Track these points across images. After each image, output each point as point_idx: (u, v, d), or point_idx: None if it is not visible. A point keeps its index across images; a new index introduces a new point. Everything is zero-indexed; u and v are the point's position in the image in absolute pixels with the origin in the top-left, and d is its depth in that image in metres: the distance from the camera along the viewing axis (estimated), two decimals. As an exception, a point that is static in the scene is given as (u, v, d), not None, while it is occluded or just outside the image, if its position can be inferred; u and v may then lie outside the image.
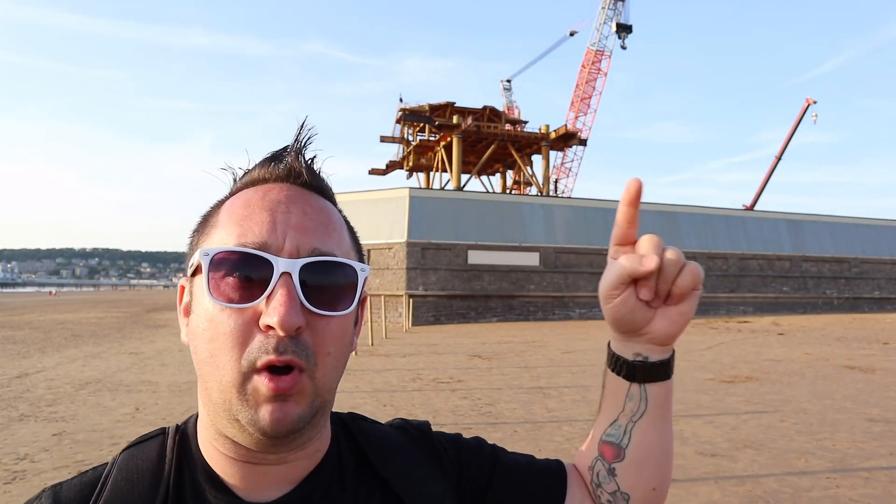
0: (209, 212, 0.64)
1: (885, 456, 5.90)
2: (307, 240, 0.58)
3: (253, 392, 0.54)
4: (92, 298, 61.45)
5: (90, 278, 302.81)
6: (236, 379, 0.54)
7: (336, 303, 0.58)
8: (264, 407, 0.54)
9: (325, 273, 0.58)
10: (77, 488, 0.59)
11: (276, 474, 0.61)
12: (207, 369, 0.57)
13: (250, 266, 0.55)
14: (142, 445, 0.63)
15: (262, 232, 0.57)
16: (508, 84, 55.85)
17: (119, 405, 8.30)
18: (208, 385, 0.58)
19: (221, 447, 0.60)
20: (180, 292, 0.64)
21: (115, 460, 0.62)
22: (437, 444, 0.76)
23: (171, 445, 0.62)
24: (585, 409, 8.09)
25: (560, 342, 17.63)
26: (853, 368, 12.01)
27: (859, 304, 36.33)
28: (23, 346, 15.97)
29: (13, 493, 4.86)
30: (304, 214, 0.59)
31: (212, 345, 0.56)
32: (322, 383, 0.57)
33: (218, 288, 0.55)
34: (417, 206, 28.12)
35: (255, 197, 0.60)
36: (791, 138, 44.32)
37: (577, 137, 43.70)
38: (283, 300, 0.54)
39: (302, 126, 0.64)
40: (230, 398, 0.55)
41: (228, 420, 0.57)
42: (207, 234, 0.61)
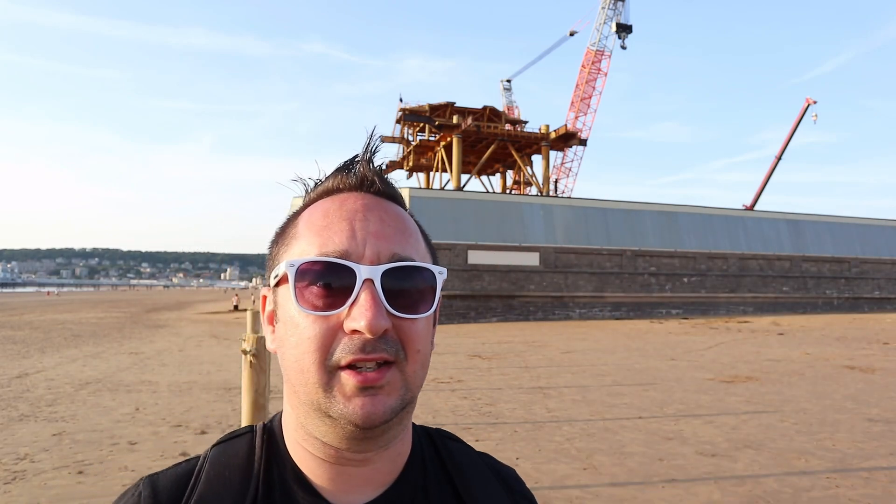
0: (287, 223, 0.66)
1: (885, 456, 5.90)
2: (387, 246, 0.60)
3: (339, 388, 0.56)
4: (92, 298, 61.45)
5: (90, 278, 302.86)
6: (321, 378, 0.57)
7: (417, 305, 0.60)
8: (355, 399, 0.56)
9: (405, 277, 0.59)
10: (172, 479, 0.61)
11: (361, 476, 0.62)
12: (294, 373, 0.59)
13: (334, 274, 0.58)
14: (232, 442, 0.65)
15: (343, 240, 0.59)
16: (508, 84, 55.84)
17: (119, 405, 8.30)
18: (296, 388, 0.60)
19: (310, 447, 0.62)
20: (263, 301, 0.66)
21: (207, 455, 0.64)
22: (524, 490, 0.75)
23: (259, 444, 0.64)
24: (585, 409, 8.09)
25: (560, 342, 17.63)
26: (853, 368, 12.01)
27: (859, 304, 36.33)
28: (23, 346, 15.96)
29: (13, 493, 4.86)
30: (381, 221, 0.61)
31: (296, 350, 0.58)
32: (411, 378, 0.59)
33: (303, 296, 0.58)
34: (417, 206, 28.11)
35: (332, 207, 0.62)
36: (791, 138, 44.33)
37: (577, 137, 43.68)
38: (369, 305, 0.56)
39: (371, 135, 0.67)
40: (317, 398, 0.57)
41: (319, 418, 0.59)
42: (288, 246, 0.63)
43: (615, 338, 19.13)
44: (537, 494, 3.64)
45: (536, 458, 5.83)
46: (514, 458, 5.80)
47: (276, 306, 0.62)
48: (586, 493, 4.87)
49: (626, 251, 31.22)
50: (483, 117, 44.45)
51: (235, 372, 10.98)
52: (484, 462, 0.74)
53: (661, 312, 31.29)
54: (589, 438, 6.57)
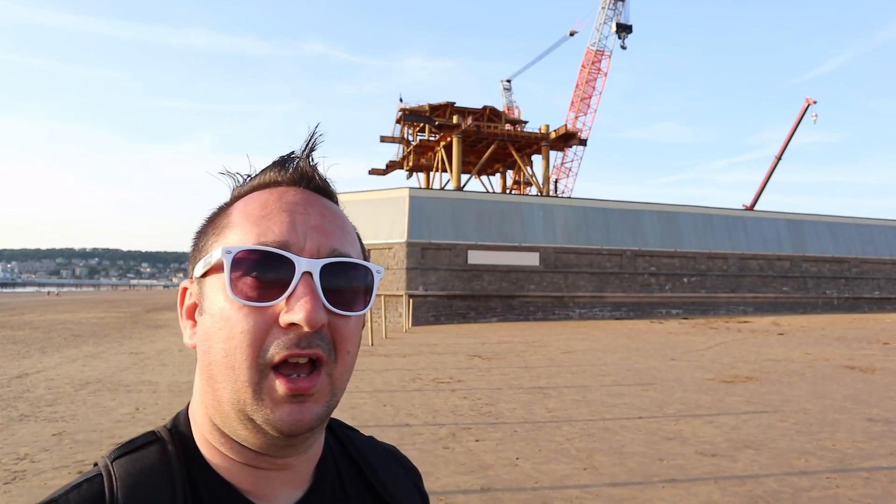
0: (215, 214, 0.64)
1: (885, 456, 5.90)
2: (327, 241, 0.59)
3: (269, 392, 0.54)
4: (92, 298, 61.45)
5: (90, 278, 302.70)
6: (252, 378, 0.54)
7: (353, 303, 0.59)
8: (283, 407, 0.54)
9: (343, 274, 0.58)
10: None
11: (281, 479, 0.61)
12: (220, 369, 0.56)
13: (271, 265, 0.55)
14: (138, 454, 0.59)
15: (283, 231, 0.57)
16: (508, 84, 55.87)
17: (119, 405, 8.30)
18: (218, 386, 0.56)
19: (227, 451, 0.59)
20: (181, 295, 0.63)
21: (111, 471, 0.57)
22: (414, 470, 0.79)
23: (174, 453, 0.59)
24: (585, 409, 8.09)
25: (560, 342, 17.63)
26: (853, 368, 12.01)
27: (859, 304, 36.34)
28: (23, 346, 15.97)
29: (13, 493, 4.86)
30: (321, 217, 0.60)
31: (227, 344, 0.55)
32: (338, 382, 0.58)
33: (237, 287, 0.55)
34: (417, 206, 28.12)
35: (271, 198, 0.60)
36: (791, 138, 44.35)
37: (577, 137, 43.69)
38: (308, 297, 0.54)
39: (314, 133, 0.65)
40: (244, 398, 0.55)
41: (240, 421, 0.56)
42: (219, 235, 0.60)
43: (615, 338, 19.13)
44: (537, 494, 3.67)
45: (536, 458, 5.82)
46: (514, 458, 5.81)
47: (203, 298, 0.59)
48: (586, 493, 4.87)
49: (626, 251, 31.23)
50: (483, 117, 44.46)
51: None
52: (376, 444, 0.77)
53: (661, 312, 31.29)
54: (589, 438, 6.57)
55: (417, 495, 0.75)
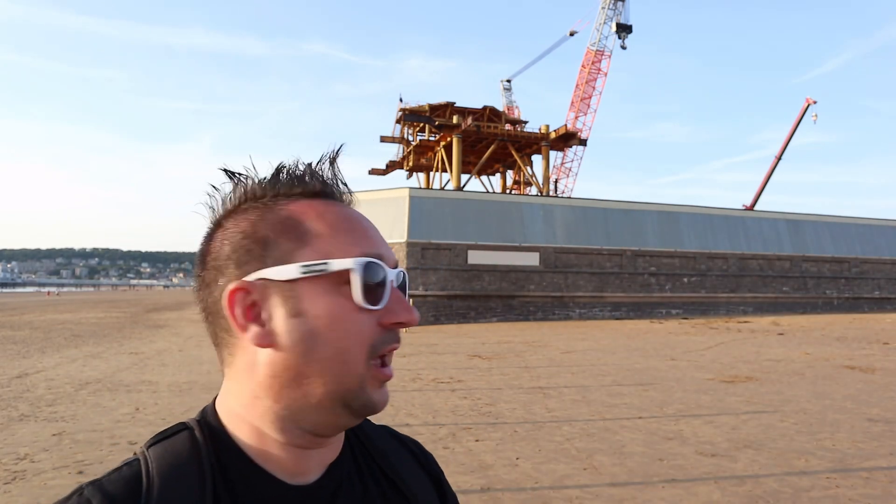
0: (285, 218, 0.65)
1: (885, 456, 5.90)
2: (391, 253, 0.68)
3: (371, 381, 0.63)
4: (92, 298, 61.45)
5: (90, 278, 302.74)
6: (362, 370, 0.63)
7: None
8: (379, 391, 0.64)
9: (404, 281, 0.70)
10: (121, 484, 0.60)
11: (317, 457, 0.67)
12: (329, 365, 0.62)
13: (377, 274, 0.64)
14: (170, 440, 0.64)
15: (377, 244, 0.66)
16: (508, 84, 55.86)
17: (119, 405, 8.30)
18: (317, 381, 0.62)
19: (280, 437, 0.64)
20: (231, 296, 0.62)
21: (146, 456, 0.63)
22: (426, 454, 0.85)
23: (201, 438, 0.64)
24: (585, 409, 8.10)
25: (560, 342, 17.63)
26: (853, 368, 12.01)
27: (859, 304, 36.34)
28: (23, 346, 15.97)
29: (13, 493, 4.86)
30: (378, 232, 0.70)
31: (343, 343, 0.62)
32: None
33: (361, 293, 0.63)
34: (417, 206, 28.12)
35: (343, 211, 0.68)
36: (791, 138, 44.34)
37: (577, 137, 43.69)
38: (406, 302, 0.66)
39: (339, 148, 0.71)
40: (352, 387, 0.62)
41: (333, 410, 0.63)
42: (301, 241, 0.63)
43: (615, 338, 19.13)
44: (537, 494, 3.67)
45: (536, 457, 5.83)
46: (514, 458, 5.81)
47: (299, 300, 0.61)
48: (586, 493, 4.88)
49: (626, 251, 31.22)
50: (483, 117, 44.46)
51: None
52: (387, 432, 0.83)
53: (661, 312, 31.29)
54: (589, 438, 6.57)
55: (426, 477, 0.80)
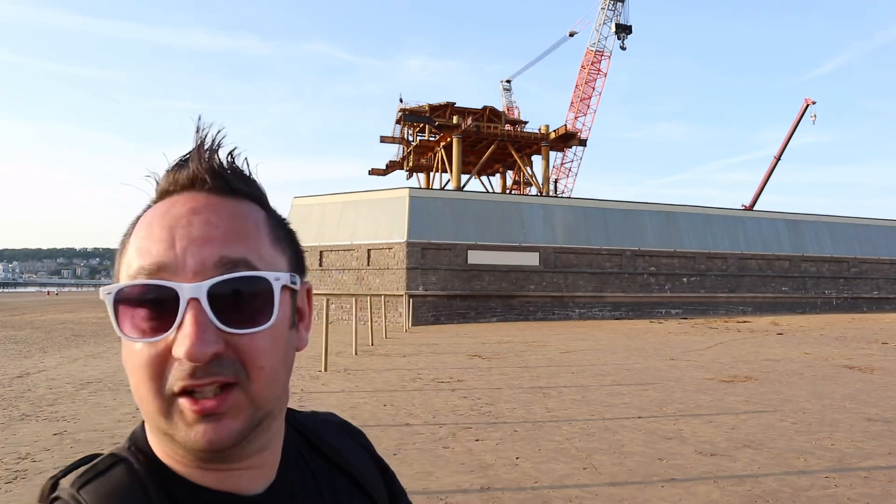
0: (125, 233, 0.59)
1: (884, 455, 5.91)
2: (212, 251, 0.54)
3: (179, 416, 0.52)
4: (93, 298, 61.43)
5: (91, 278, 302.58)
6: (160, 406, 0.53)
7: (256, 316, 0.54)
8: (197, 427, 0.52)
9: (237, 288, 0.54)
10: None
11: (248, 475, 0.59)
12: (136, 398, 0.55)
13: (155, 296, 0.53)
14: (105, 478, 0.56)
15: (161, 252, 0.53)
16: (508, 84, 55.90)
17: (120, 405, 8.32)
18: (142, 412, 0.55)
19: (184, 459, 0.57)
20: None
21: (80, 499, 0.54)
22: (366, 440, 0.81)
23: (141, 470, 0.57)
24: (585, 409, 8.11)
25: (560, 342, 17.64)
26: (852, 368, 12.03)
27: (858, 303, 36.36)
28: (24, 345, 15.99)
29: (14, 493, 4.87)
30: (207, 224, 0.55)
31: (133, 377, 0.54)
32: (260, 396, 0.55)
33: (131, 320, 0.53)
34: (417, 206, 28.13)
35: (156, 214, 0.56)
36: (790, 138, 44.39)
37: (576, 138, 43.74)
38: (190, 330, 0.51)
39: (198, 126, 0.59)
40: (160, 424, 0.54)
41: (169, 442, 0.55)
42: (122, 260, 0.57)
43: (615, 338, 19.14)
44: (537, 494, 3.69)
45: (536, 457, 5.84)
46: (513, 457, 5.82)
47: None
48: (586, 492, 4.89)
49: (625, 251, 31.24)
50: (483, 117, 44.50)
51: (236, 372, 10.98)
52: (319, 417, 0.77)
53: (661, 312, 31.31)
54: (588, 438, 6.58)
55: (367, 455, 0.77)
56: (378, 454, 0.80)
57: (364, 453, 0.77)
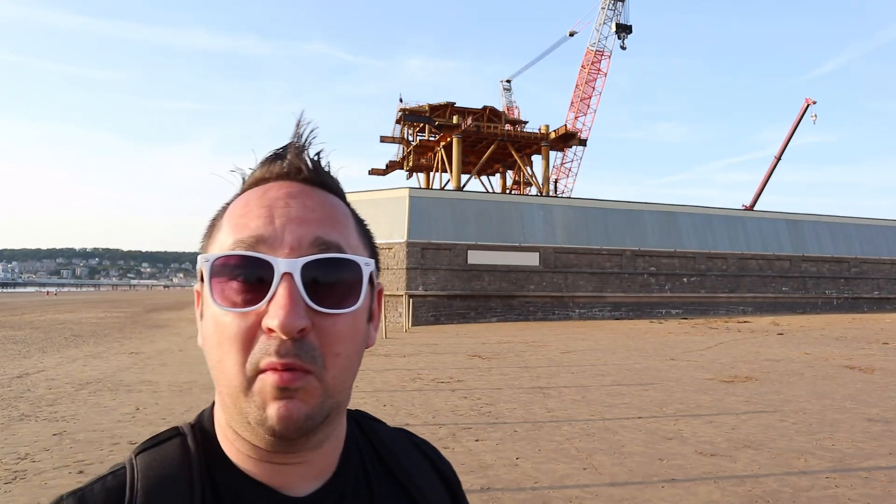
0: (214, 216, 0.63)
1: (885, 456, 5.91)
2: (309, 230, 0.57)
3: (259, 391, 0.54)
4: (92, 298, 61.46)
5: (91, 278, 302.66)
6: (242, 383, 0.54)
7: (343, 300, 0.56)
8: (271, 405, 0.53)
9: (329, 270, 0.56)
10: (102, 495, 0.56)
11: (298, 472, 0.60)
12: (217, 374, 0.57)
13: (251, 268, 0.55)
14: (160, 448, 0.60)
15: (259, 225, 0.56)
16: (508, 84, 55.87)
17: (119, 405, 8.31)
18: (220, 389, 0.57)
19: (240, 447, 0.59)
20: (196, 298, 0.63)
21: (133, 464, 0.58)
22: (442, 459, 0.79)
23: (193, 447, 0.60)
24: (585, 409, 8.10)
25: (560, 342, 17.64)
26: (852, 368, 12.02)
27: (859, 304, 36.35)
28: (23, 346, 15.98)
29: (14, 493, 4.87)
30: (304, 207, 0.58)
31: (219, 350, 0.55)
32: (332, 385, 0.56)
33: (222, 292, 0.55)
34: (417, 206, 28.12)
35: (253, 196, 0.60)
36: (791, 138, 44.36)
37: (576, 137, 43.71)
38: (284, 302, 0.52)
39: (299, 122, 0.63)
40: (239, 401, 0.55)
41: (241, 423, 0.56)
42: (212, 239, 0.61)
43: (615, 338, 19.14)
44: (537, 494, 3.68)
45: (536, 457, 5.83)
46: (513, 457, 5.82)
47: (205, 302, 0.58)
48: (586, 492, 4.88)
49: (625, 251, 31.23)
50: (483, 117, 44.48)
51: (235, 372, 10.97)
52: (404, 436, 0.77)
53: (661, 312, 31.30)
54: (589, 438, 6.58)
55: (441, 485, 0.74)
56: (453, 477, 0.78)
57: (435, 477, 0.74)
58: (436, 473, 0.75)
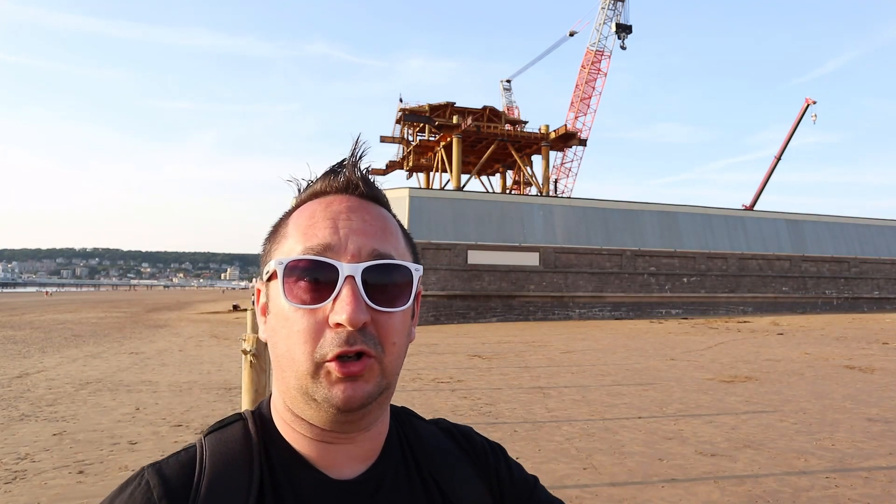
0: (278, 223, 0.72)
1: (885, 456, 5.91)
2: (367, 242, 0.66)
3: (325, 376, 0.63)
4: (92, 298, 61.45)
5: (91, 278, 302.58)
6: (310, 368, 0.62)
7: (395, 300, 0.66)
8: (338, 385, 0.62)
9: (384, 274, 0.65)
10: (177, 468, 0.65)
11: (346, 453, 0.68)
12: (285, 362, 0.65)
13: (318, 271, 0.63)
14: (226, 429, 0.70)
15: (326, 235, 0.65)
16: (508, 84, 55.87)
17: (119, 405, 8.31)
18: (286, 375, 0.65)
19: (298, 428, 0.68)
20: (257, 294, 0.72)
21: (202, 443, 0.68)
22: (478, 447, 0.82)
23: (253, 429, 0.69)
24: (585, 409, 8.10)
25: (560, 342, 17.64)
26: (852, 368, 12.02)
27: (858, 303, 36.34)
28: (23, 346, 15.98)
29: (14, 493, 4.87)
30: (363, 221, 0.67)
31: (288, 341, 0.64)
32: (388, 368, 0.65)
33: (292, 291, 0.64)
34: (417, 206, 28.12)
35: (318, 208, 0.68)
36: (791, 138, 44.34)
37: (576, 137, 43.70)
38: (350, 300, 0.61)
39: (357, 140, 0.72)
40: (306, 383, 0.63)
41: (305, 401, 0.65)
42: (278, 244, 0.69)
43: (615, 338, 19.14)
44: (537, 494, 3.53)
45: (536, 457, 5.84)
46: (513, 457, 5.81)
47: (269, 300, 0.68)
48: (586, 492, 4.88)
49: (625, 251, 31.23)
50: (483, 117, 44.48)
51: (235, 372, 10.99)
52: (439, 428, 0.82)
53: (661, 312, 31.30)
54: (589, 438, 6.58)
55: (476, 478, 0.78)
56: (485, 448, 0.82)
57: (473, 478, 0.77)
58: (471, 466, 0.79)
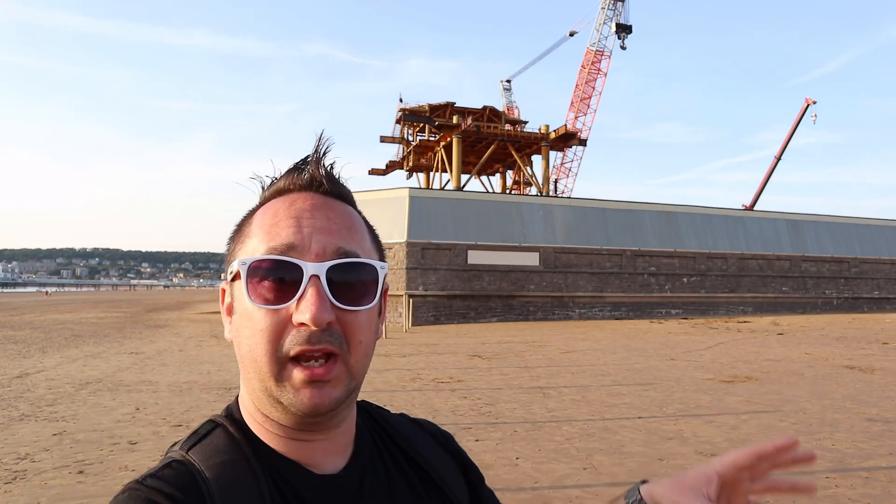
0: (242, 221, 0.71)
1: (885, 456, 5.91)
2: (332, 240, 0.65)
3: (289, 379, 0.62)
4: (92, 298, 61.45)
5: (91, 278, 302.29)
6: (273, 369, 0.62)
7: (361, 298, 0.65)
8: (304, 391, 0.61)
9: (349, 272, 0.65)
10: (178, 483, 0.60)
11: (323, 448, 0.68)
12: (249, 362, 0.64)
13: (282, 270, 0.63)
14: (207, 439, 0.67)
15: (290, 234, 0.64)
16: (508, 84, 55.85)
17: (119, 405, 8.31)
18: (250, 376, 0.65)
19: (270, 427, 0.67)
20: (222, 294, 0.71)
21: (189, 458, 0.64)
22: (440, 433, 0.87)
23: (237, 434, 0.67)
24: (585, 409, 8.10)
25: (560, 342, 17.64)
26: (852, 368, 12.02)
27: (858, 303, 36.35)
28: (23, 346, 15.98)
29: (14, 493, 4.87)
30: (327, 219, 0.66)
31: (251, 340, 0.63)
32: (355, 368, 0.65)
33: (255, 291, 0.63)
34: (417, 206, 28.12)
35: (282, 206, 0.67)
36: (791, 138, 44.34)
37: (576, 137, 43.69)
38: (314, 299, 0.61)
39: (320, 137, 0.71)
40: (269, 385, 0.62)
41: (272, 403, 0.64)
42: (242, 243, 0.68)
43: (615, 338, 19.14)
44: (537, 494, 3.68)
45: (536, 457, 5.84)
46: (513, 457, 5.82)
47: (233, 300, 0.67)
48: (586, 492, 4.88)
49: (625, 251, 31.23)
50: (483, 117, 44.47)
51: (235, 372, 10.96)
52: (407, 419, 0.86)
53: (661, 312, 31.30)
54: (589, 438, 6.58)
55: (448, 456, 0.83)
56: (454, 446, 0.87)
57: (444, 455, 0.82)
58: (440, 447, 0.84)
